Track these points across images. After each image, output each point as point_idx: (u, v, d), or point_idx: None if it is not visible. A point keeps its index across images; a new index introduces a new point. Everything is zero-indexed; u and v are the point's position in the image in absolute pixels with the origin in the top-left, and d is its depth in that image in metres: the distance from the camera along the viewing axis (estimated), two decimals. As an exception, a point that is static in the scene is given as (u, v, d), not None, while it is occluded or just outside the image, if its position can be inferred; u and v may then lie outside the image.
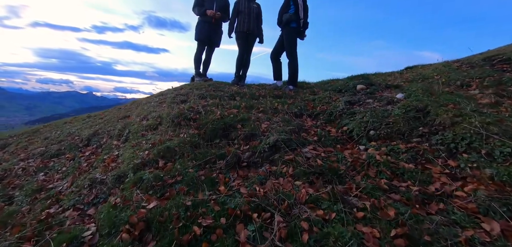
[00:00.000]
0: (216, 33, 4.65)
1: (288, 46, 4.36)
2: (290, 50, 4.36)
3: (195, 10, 4.55)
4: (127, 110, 3.98)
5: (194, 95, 3.54)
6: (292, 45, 4.35)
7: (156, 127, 2.88)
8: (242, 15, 4.58)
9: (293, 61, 4.36)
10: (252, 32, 4.64)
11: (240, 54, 4.65)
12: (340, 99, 3.14)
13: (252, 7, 4.63)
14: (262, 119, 2.68)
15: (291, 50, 4.36)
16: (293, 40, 4.36)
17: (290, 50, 4.36)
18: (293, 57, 4.37)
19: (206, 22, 4.50)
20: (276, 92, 4.01)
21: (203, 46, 4.66)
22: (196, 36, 4.57)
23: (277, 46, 4.64)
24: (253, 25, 4.64)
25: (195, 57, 4.67)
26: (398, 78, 4.73)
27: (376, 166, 1.82)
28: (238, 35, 4.61)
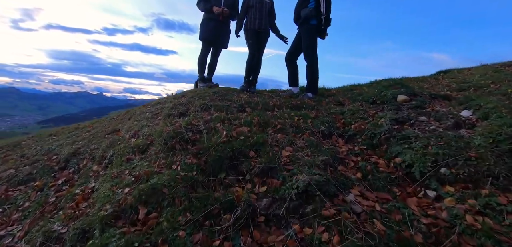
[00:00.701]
0: (223, 33, 4.04)
1: (307, 47, 3.70)
2: (309, 52, 3.70)
3: (200, 6, 3.94)
4: (118, 122, 3.40)
5: (196, 106, 2.92)
6: (312, 46, 3.69)
7: (146, 149, 2.27)
8: (252, 10, 3.95)
9: (312, 64, 3.70)
10: (264, 30, 4.00)
11: (250, 56, 4.01)
12: (379, 114, 2.46)
13: (264, 1, 4.00)
14: (282, 143, 2.04)
15: (310, 51, 3.70)
16: (312, 40, 3.70)
17: (309, 52, 3.70)
18: (312, 60, 3.70)
19: (212, 19, 3.89)
20: (293, 102, 3.36)
21: (209, 47, 4.05)
22: (201, 36, 3.96)
23: (293, 47, 3.99)
24: (265, 22, 4.00)
25: (199, 60, 4.07)
26: (438, 85, 4.01)
27: (470, 234, 1.16)
28: (248, 34, 3.98)
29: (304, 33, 3.70)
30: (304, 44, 3.71)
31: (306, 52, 3.71)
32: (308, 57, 3.71)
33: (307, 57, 3.72)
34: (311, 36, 3.68)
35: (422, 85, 4.63)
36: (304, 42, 3.71)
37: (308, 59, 3.71)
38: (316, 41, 3.74)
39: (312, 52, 3.70)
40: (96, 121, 3.86)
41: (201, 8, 3.91)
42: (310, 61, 3.71)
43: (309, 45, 3.69)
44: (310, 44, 3.69)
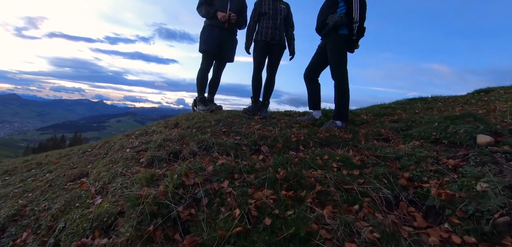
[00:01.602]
0: (228, 43, 3.26)
1: (336, 63, 2.92)
2: (339, 69, 2.92)
3: (202, 11, 3.19)
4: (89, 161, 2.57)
5: (192, 145, 2.12)
6: (341, 62, 2.91)
7: (111, 224, 1.45)
8: (265, 18, 3.19)
9: (342, 84, 2.91)
10: (279, 42, 3.23)
11: (255, 70, 3.24)
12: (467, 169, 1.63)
13: (279, 7, 3.24)
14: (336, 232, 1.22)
15: (339, 68, 2.92)
16: (342, 54, 2.92)
17: (338, 69, 2.92)
18: (342, 79, 2.91)
19: (215, 27, 3.13)
20: (320, 134, 2.56)
21: (211, 60, 3.27)
22: (202, 46, 3.19)
23: (315, 62, 3.22)
24: (280, 32, 3.24)
25: (199, 76, 3.27)
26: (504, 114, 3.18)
27: None
28: (258, 45, 3.21)
29: (332, 46, 2.92)
30: (332, 60, 2.92)
31: (334, 70, 2.93)
32: (337, 76, 2.92)
33: (335, 75, 2.93)
34: (341, 49, 2.90)
35: (462, 106, 3.85)
36: (332, 56, 2.92)
37: (336, 78, 2.93)
38: (346, 56, 2.96)
39: (342, 70, 2.91)
40: (64, 155, 3.04)
41: (203, 13, 3.14)
42: (340, 80, 2.91)
43: (339, 61, 2.91)
44: (339, 60, 2.91)
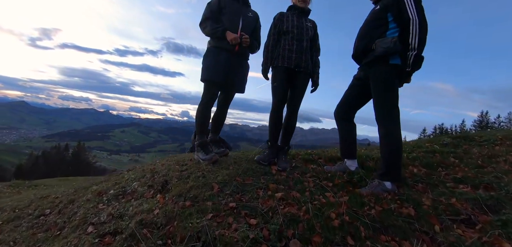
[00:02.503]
0: (238, 70, 2.52)
1: (383, 102, 2.15)
2: (387, 110, 2.14)
3: (206, 28, 2.43)
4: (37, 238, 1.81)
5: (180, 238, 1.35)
6: (391, 101, 2.15)
7: None
8: (287, 38, 2.47)
9: (393, 130, 2.12)
10: (305, 69, 2.50)
11: (274, 107, 2.46)
12: None
13: (304, 26, 2.53)
14: None
15: (388, 109, 2.14)
16: (393, 91, 2.16)
17: (386, 110, 2.15)
18: (393, 123, 2.13)
19: (223, 50, 2.39)
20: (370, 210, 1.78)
21: (216, 92, 2.50)
22: (205, 75, 2.41)
23: (350, 97, 2.47)
24: (307, 57, 2.51)
25: (200, 112, 2.47)
26: None
27: None
28: (278, 73, 2.45)
29: (379, 79, 2.16)
30: (379, 97, 2.16)
31: (381, 111, 2.16)
32: (385, 119, 2.14)
33: (383, 118, 2.15)
34: (391, 84, 2.14)
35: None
36: (378, 93, 2.16)
37: (384, 123, 2.15)
38: (397, 93, 2.21)
39: (392, 111, 2.14)
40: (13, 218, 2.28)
41: (208, 32, 2.41)
42: (389, 126, 2.14)
43: (388, 99, 2.14)
44: (389, 98, 2.14)
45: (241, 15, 2.44)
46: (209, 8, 2.43)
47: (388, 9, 2.14)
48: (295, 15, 2.55)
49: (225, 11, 2.40)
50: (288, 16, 2.53)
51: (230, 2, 2.45)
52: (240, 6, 2.49)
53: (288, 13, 2.59)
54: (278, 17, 2.56)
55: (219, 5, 2.41)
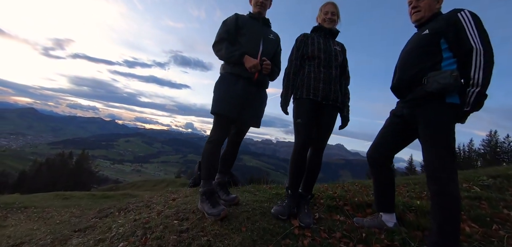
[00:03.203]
0: (256, 101, 2.10)
1: (438, 152, 1.70)
2: (444, 164, 1.68)
3: (221, 50, 2.03)
4: None
5: None
6: (448, 151, 1.70)
7: None
8: (313, 65, 2.06)
9: (451, 190, 1.67)
10: (333, 102, 2.08)
11: (298, 147, 2.00)
12: None
13: (332, 50, 2.13)
14: None
15: (445, 162, 1.69)
16: (449, 135, 1.73)
17: (443, 163, 1.69)
18: (452, 180, 1.69)
19: (240, 78, 1.99)
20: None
21: (228, 127, 2.04)
22: (217, 107, 1.96)
23: (388, 138, 2.02)
24: (336, 88, 2.09)
25: (207, 153, 1.98)
26: None
27: None
28: (302, 107, 2.02)
29: (432, 121, 1.72)
30: (432, 145, 1.72)
31: (435, 164, 1.69)
32: (441, 175, 1.68)
33: (438, 173, 1.68)
34: (448, 127, 1.71)
35: None
36: (431, 139, 1.71)
37: (439, 178, 1.70)
38: (454, 138, 1.77)
39: (448, 163, 1.69)
40: None
41: (223, 55, 2.00)
42: (446, 184, 1.66)
43: (444, 149, 1.69)
44: (445, 147, 1.69)
45: (261, 37, 2.06)
46: (225, 28, 2.05)
47: (442, 34, 1.73)
48: (321, 37, 2.16)
49: (243, 32, 2.03)
50: (313, 38, 2.14)
51: (249, 22, 2.09)
52: (260, 26, 2.12)
53: (313, 34, 2.21)
54: (301, 39, 2.17)
55: (236, 24, 2.05)
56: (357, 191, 2.98)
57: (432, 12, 1.91)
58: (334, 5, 2.22)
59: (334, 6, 2.22)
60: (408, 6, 2.06)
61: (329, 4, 2.21)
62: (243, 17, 2.09)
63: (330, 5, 2.21)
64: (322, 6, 2.25)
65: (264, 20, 2.15)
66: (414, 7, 1.96)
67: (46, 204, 5.48)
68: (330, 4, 2.21)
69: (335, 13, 2.21)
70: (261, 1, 2.09)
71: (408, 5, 2.06)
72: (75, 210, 4.60)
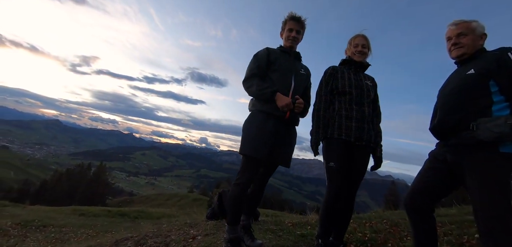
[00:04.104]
0: (286, 141, 1.99)
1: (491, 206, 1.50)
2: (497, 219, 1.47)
3: (252, 87, 1.95)
4: None
5: None
6: (504, 204, 1.50)
7: None
8: (344, 101, 1.94)
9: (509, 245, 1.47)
10: (367, 142, 1.92)
11: (331, 194, 1.85)
12: None
13: (364, 84, 2.00)
14: None
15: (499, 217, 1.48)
16: (506, 190, 1.53)
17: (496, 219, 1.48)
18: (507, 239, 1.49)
19: (271, 116, 1.90)
20: None
21: (257, 169, 1.93)
22: (246, 148, 1.88)
23: (429, 182, 1.81)
24: (369, 127, 1.94)
25: (234, 196, 1.87)
26: None
27: None
28: (334, 148, 1.88)
29: (485, 174, 1.52)
30: (485, 200, 1.52)
31: (489, 221, 1.50)
32: (494, 233, 1.50)
33: (490, 231, 1.50)
34: (504, 181, 1.51)
35: None
36: (483, 194, 1.51)
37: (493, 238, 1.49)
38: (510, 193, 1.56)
39: (505, 222, 1.49)
40: None
41: (253, 92, 1.93)
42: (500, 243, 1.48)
43: (499, 204, 1.49)
44: (500, 202, 1.50)
45: (293, 73, 1.98)
46: (256, 63, 1.98)
47: (491, 76, 1.57)
48: (351, 71, 2.05)
49: (274, 67, 1.96)
50: (343, 72, 2.03)
51: (281, 56, 2.02)
52: (292, 61, 2.05)
53: (342, 68, 2.10)
54: (330, 73, 2.05)
55: (268, 59, 1.98)
56: (388, 231, 2.75)
57: (475, 48, 1.76)
58: (364, 37, 2.11)
59: (365, 39, 2.11)
60: (447, 41, 1.92)
61: (359, 36, 2.11)
62: (274, 51, 2.02)
63: (360, 38, 2.10)
64: (352, 38, 2.15)
65: (295, 54, 2.08)
66: (454, 44, 1.82)
67: (63, 222, 5.52)
68: (361, 37, 2.11)
69: (366, 45, 2.10)
70: (293, 36, 2.02)
71: (447, 41, 1.91)
72: (91, 230, 4.57)
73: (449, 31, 1.82)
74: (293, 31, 2.03)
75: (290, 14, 2.04)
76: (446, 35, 1.89)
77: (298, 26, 2.04)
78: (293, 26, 2.03)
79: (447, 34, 1.86)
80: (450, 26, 1.82)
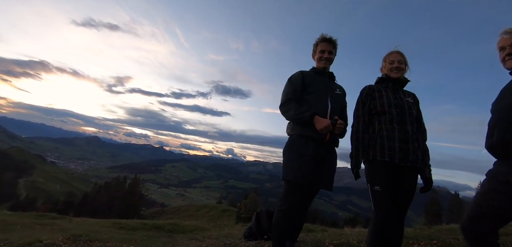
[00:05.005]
0: (327, 163, 1.95)
1: None
2: None
3: (289, 111, 1.94)
4: None
5: None
6: None
7: None
8: (383, 121, 1.84)
9: None
10: (413, 163, 1.78)
11: (379, 220, 1.73)
12: None
13: (405, 102, 1.88)
14: None
15: None
16: None
17: None
18: None
19: (310, 139, 1.87)
20: None
21: (301, 194, 1.89)
22: (289, 174, 1.86)
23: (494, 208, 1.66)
24: (414, 146, 1.81)
25: (279, 223, 1.84)
26: None
27: None
28: (377, 172, 1.78)
29: None
30: None
31: None
32: None
33: None
34: None
35: None
36: None
37: None
38: None
39: None
40: None
41: (291, 116, 1.92)
42: None
43: None
44: None
45: (329, 94, 1.95)
46: (291, 87, 1.98)
47: None
48: (389, 89, 1.96)
49: (310, 90, 1.95)
50: (380, 91, 1.94)
51: (315, 78, 2.01)
52: (327, 81, 2.02)
53: (379, 86, 2.01)
54: (367, 92, 1.97)
55: (303, 82, 1.97)
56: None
57: None
58: (400, 53, 2.01)
59: (400, 54, 2.00)
60: (500, 51, 1.76)
61: (394, 53, 2.01)
62: (308, 74, 2.01)
63: (395, 54, 2.00)
64: (386, 56, 2.05)
65: (329, 74, 2.05)
66: (509, 54, 1.67)
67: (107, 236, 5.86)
68: (396, 53, 2.01)
69: (402, 61, 1.98)
70: (326, 57, 2.00)
71: (499, 50, 1.76)
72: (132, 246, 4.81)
73: (503, 40, 1.68)
74: (326, 52, 2.01)
75: (322, 36, 2.03)
76: (498, 45, 1.74)
77: (330, 47, 2.02)
78: (325, 47, 2.01)
79: (499, 44, 1.71)
80: (504, 35, 1.68)
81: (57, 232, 5.88)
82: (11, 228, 6.81)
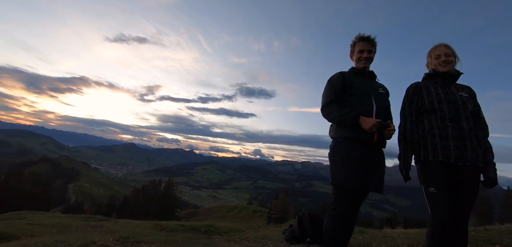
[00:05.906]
0: (376, 166, 1.84)
1: None
2: None
3: (332, 113, 1.87)
4: None
5: None
6: None
7: None
8: (434, 119, 1.71)
9: None
10: (472, 162, 1.62)
11: (437, 226, 1.59)
12: None
13: (458, 97, 1.72)
14: None
15: None
16: None
17: None
18: None
19: (357, 142, 1.80)
20: None
21: (351, 199, 1.82)
22: (337, 178, 1.80)
23: None
24: (472, 143, 1.63)
25: (330, 228, 1.79)
26: None
27: None
28: (431, 173, 1.66)
29: None
30: None
31: None
32: None
33: None
34: None
35: None
36: None
37: None
38: None
39: None
40: None
41: (334, 118, 1.86)
42: None
43: None
44: None
45: (372, 93, 1.87)
46: (332, 89, 1.91)
47: None
48: (438, 85, 1.82)
49: (352, 91, 1.87)
50: (428, 88, 1.82)
51: (356, 78, 1.93)
52: (369, 81, 1.94)
53: (427, 82, 1.88)
54: (413, 90, 1.86)
55: (343, 82, 1.90)
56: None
57: None
58: (446, 46, 1.84)
59: (447, 47, 1.84)
60: None
61: (439, 46, 1.86)
62: (348, 75, 1.95)
63: (441, 47, 1.84)
64: (431, 50, 1.90)
65: (370, 74, 1.97)
66: None
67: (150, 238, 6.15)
68: (441, 46, 1.85)
69: (449, 53, 1.82)
70: (366, 56, 1.92)
71: None
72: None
73: None
74: (365, 52, 1.92)
75: (359, 36, 1.95)
76: None
77: (369, 46, 1.93)
78: (364, 46, 1.93)
79: None
80: None
81: (107, 234, 6.36)
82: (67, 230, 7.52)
